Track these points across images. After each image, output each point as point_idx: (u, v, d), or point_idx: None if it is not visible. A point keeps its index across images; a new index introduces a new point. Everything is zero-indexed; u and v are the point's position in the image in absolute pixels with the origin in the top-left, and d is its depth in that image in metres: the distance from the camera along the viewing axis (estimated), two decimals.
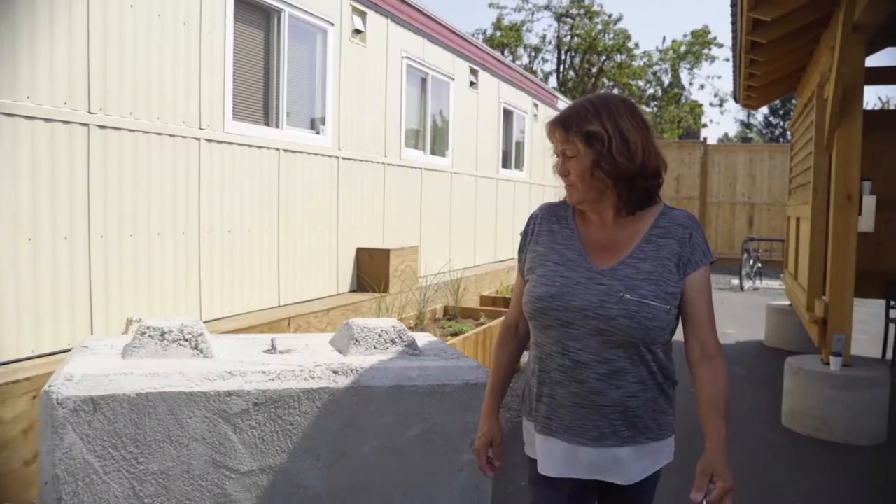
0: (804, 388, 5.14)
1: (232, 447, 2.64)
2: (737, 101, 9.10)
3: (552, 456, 1.82)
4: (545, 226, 1.90)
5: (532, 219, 1.96)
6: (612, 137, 1.69)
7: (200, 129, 4.94)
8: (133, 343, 2.81)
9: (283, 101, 5.82)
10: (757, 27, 5.23)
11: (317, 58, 6.38)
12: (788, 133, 13.54)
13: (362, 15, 6.92)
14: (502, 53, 21.57)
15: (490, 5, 22.11)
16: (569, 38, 21.93)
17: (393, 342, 3.07)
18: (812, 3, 4.81)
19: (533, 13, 22.12)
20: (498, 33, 21.93)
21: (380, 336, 3.06)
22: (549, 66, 23.02)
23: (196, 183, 4.92)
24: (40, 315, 3.85)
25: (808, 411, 5.09)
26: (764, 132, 42.31)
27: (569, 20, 21.71)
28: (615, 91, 22.40)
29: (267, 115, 5.76)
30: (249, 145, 5.43)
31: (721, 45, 22.75)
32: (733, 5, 5.37)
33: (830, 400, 4.98)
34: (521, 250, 1.97)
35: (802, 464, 4.57)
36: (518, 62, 22.22)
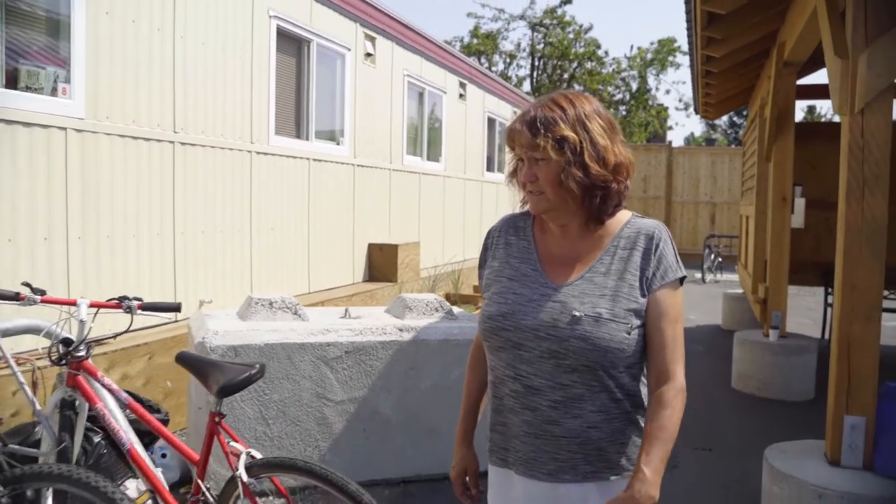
0: (749, 356, 6.26)
1: (329, 383, 3.65)
2: (697, 112, 10.28)
3: (511, 491, 1.68)
4: (503, 238, 1.76)
5: (490, 233, 1.81)
6: (584, 142, 1.55)
7: (251, 143, 5.91)
8: (249, 310, 3.81)
9: (312, 118, 6.82)
10: (710, 60, 6.36)
11: (336, 79, 7.38)
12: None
13: (372, 40, 7.92)
14: (479, 60, 22.68)
15: (468, 15, 23.31)
16: (542, 45, 23.15)
17: (436, 310, 4.10)
18: (753, 43, 5.94)
19: (508, 22, 23.28)
20: (475, 41, 23.07)
21: (427, 305, 4.09)
22: (524, 72, 24.10)
23: (248, 188, 5.89)
24: (142, 295, 4.80)
25: (752, 375, 6.22)
26: (728, 132, 43.86)
27: (542, 29, 22.93)
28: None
29: (298, 130, 6.75)
30: (287, 156, 6.41)
31: (686, 53, 24.09)
32: (690, 44, 6.49)
33: (769, 365, 6.11)
34: (480, 266, 1.81)
35: (746, 415, 5.69)
36: (494, 69, 23.35)
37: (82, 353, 2.56)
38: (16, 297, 2.51)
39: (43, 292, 2.58)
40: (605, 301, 1.56)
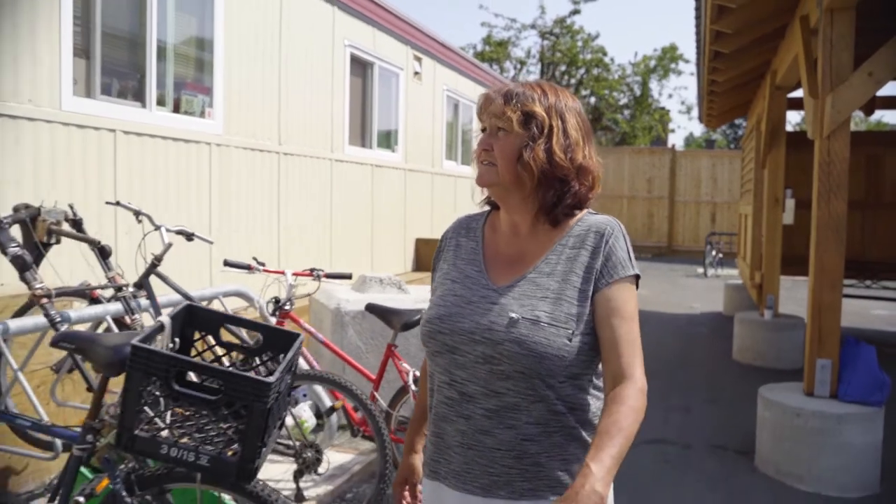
0: (747, 332, 7.43)
1: None
2: (701, 121, 11.46)
3: None
4: (453, 241, 1.69)
5: (443, 237, 1.74)
6: (555, 127, 1.49)
7: (331, 152, 7.08)
8: (364, 285, 4.97)
9: (374, 129, 7.98)
10: (713, 82, 7.52)
11: (392, 95, 8.54)
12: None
13: (419, 60, 9.09)
14: (490, 67, 23.85)
15: (482, 24, 24.49)
16: (551, 53, 24.34)
17: None
18: (750, 69, 7.10)
19: (520, 31, 24.47)
20: (487, 48, 24.28)
21: None
22: (533, 78, 25.28)
23: (329, 191, 7.06)
24: None
25: (749, 348, 7.39)
26: (728, 132, 44.98)
27: (552, 37, 24.13)
28: (592, 100, 24.82)
29: (363, 140, 7.91)
30: (356, 162, 7.58)
31: (687, 61, 25.29)
32: (698, 71, 7.66)
33: (764, 339, 7.28)
34: (433, 272, 1.73)
35: (744, 378, 6.85)
36: (505, 74, 24.52)
37: (288, 307, 3.72)
38: (247, 267, 3.66)
39: (263, 264, 3.73)
40: (545, 304, 1.47)
